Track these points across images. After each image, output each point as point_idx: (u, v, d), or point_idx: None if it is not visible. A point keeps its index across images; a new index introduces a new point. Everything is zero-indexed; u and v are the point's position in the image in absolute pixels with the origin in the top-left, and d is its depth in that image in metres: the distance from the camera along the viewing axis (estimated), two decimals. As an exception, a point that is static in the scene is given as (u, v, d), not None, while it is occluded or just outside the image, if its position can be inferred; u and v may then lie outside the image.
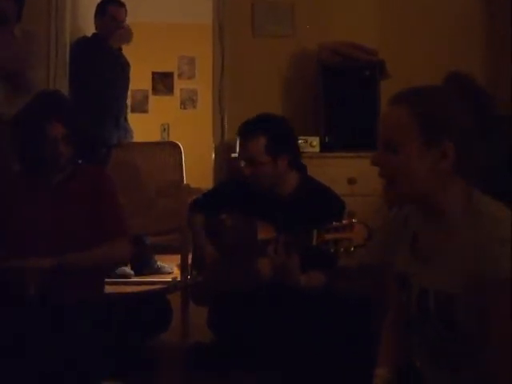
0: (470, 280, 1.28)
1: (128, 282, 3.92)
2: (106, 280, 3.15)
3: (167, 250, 3.30)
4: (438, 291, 1.34)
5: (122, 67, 4.20)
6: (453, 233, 1.34)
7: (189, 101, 7.44)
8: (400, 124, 1.34)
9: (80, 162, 2.30)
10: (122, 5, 4.11)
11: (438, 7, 4.08)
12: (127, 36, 4.13)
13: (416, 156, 1.32)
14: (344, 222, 1.88)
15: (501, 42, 3.99)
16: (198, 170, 4.26)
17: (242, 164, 2.33)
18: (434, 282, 1.35)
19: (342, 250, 1.86)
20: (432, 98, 1.36)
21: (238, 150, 2.36)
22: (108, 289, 2.62)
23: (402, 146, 1.33)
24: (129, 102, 4.39)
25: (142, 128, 4.88)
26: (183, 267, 3.01)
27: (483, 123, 1.33)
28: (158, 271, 4.29)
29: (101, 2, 4.10)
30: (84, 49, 4.03)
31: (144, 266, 4.26)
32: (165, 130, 7.27)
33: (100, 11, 4.06)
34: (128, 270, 4.19)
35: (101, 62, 3.98)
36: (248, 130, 2.30)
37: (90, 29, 4.21)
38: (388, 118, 1.39)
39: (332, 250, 1.88)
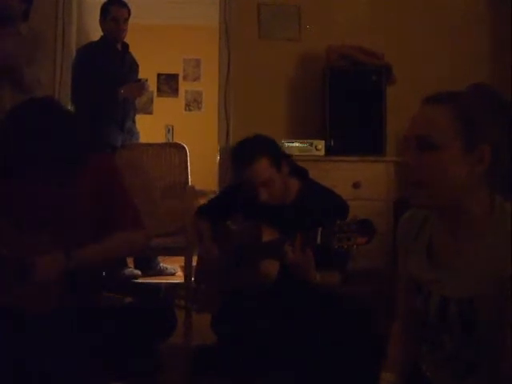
0: (492, 286, 1.27)
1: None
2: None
3: (171, 251, 3.30)
4: (460, 298, 1.32)
5: (130, 68, 4.20)
6: (476, 238, 1.33)
7: (194, 103, 7.45)
8: (442, 123, 1.30)
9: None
10: (124, 4, 4.10)
11: (445, 12, 4.09)
12: (139, 90, 4.11)
13: (456, 157, 1.29)
14: (347, 220, 1.88)
15: (506, 45, 4.00)
16: (202, 172, 4.26)
17: (252, 189, 2.31)
18: (455, 289, 1.34)
19: (346, 247, 1.86)
20: (473, 101, 1.34)
21: (242, 177, 2.33)
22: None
23: (442, 146, 1.30)
24: (136, 103, 4.38)
25: (146, 129, 4.88)
26: (187, 269, 3.02)
27: (508, 129, 1.32)
28: (161, 273, 4.30)
29: (103, 4, 4.10)
30: (90, 51, 4.05)
31: (147, 267, 4.26)
32: (169, 131, 7.28)
33: (103, 13, 4.07)
34: (135, 270, 4.20)
35: (107, 64, 3.99)
36: (248, 156, 2.28)
37: (96, 34, 4.23)
38: (429, 116, 1.34)
39: (336, 248, 1.88)
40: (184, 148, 3.51)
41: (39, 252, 1.97)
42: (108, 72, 3.94)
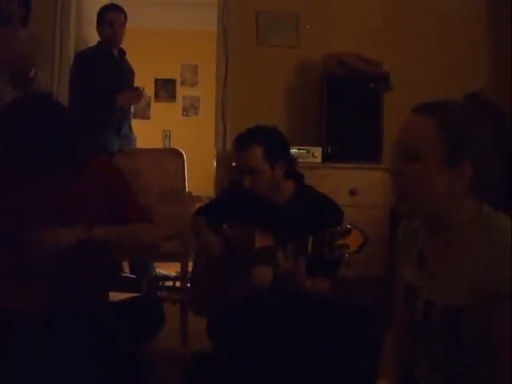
0: (478, 294, 1.28)
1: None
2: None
3: (167, 256, 3.30)
4: (445, 305, 1.34)
5: (126, 74, 4.21)
6: (461, 247, 1.34)
7: (191, 108, 7.46)
8: (426, 134, 1.33)
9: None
10: (120, 9, 4.11)
11: (442, 20, 4.10)
12: (136, 98, 4.12)
13: (435, 168, 1.32)
14: (339, 228, 1.88)
15: (504, 55, 4.01)
16: (198, 178, 4.26)
17: (241, 176, 2.34)
18: (441, 295, 1.36)
19: (337, 256, 1.87)
20: (459, 114, 1.36)
21: (235, 162, 2.39)
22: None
23: (424, 156, 1.32)
24: (131, 108, 4.39)
25: (143, 134, 4.89)
26: (183, 274, 3.01)
27: (499, 137, 1.33)
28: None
29: (99, 10, 4.11)
30: (87, 56, 4.05)
31: (142, 272, 4.24)
32: (166, 136, 7.29)
33: (100, 19, 4.08)
34: (131, 276, 4.18)
35: (103, 69, 3.99)
36: (244, 142, 2.32)
37: (94, 39, 4.23)
38: (413, 127, 1.36)
39: (327, 256, 1.88)
40: (181, 154, 3.50)
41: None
42: (104, 78, 3.94)
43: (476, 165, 1.31)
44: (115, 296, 2.36)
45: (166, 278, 4.08)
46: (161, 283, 4.09)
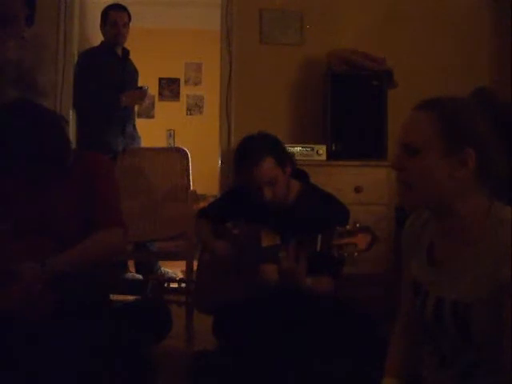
0: (488, 289, 1.27)
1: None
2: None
3: (172, 255, 3.31)
4: (455, 300, 1.34)
5: (130, 74, 4.21)
6: (471, 241, 1.34)
7: (195, 107, 7.47)
8: (423, 128, 1.34)
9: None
10: (124, 9, 4.11)
11: (446, 17, 4.09)
12: (140, 98, 4.12)
13: (436, 160, 1.33)
14: (348, 227, 1.89)
15: (506, 47, 4.00)
16: (203, 176, 4.26)
17: (256, 188, 2.31)
18: (451, 290, 1.35)
19: (346, 255, 1.87)
20: (458, 106, 1.37)
21: (247, 178, 2.32)
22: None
23: (422, 149, 1.33)
24: (136, 107, 4.40)
25: (147, 133, 4.90)
26: (188, 273, 3.02)
27: (505, 135, 1.33)
28: (162, 277, 4.29)
29: (103, 10, 4.12)
30: (91, 56, 4.06)
31: (148, 271, 4.25)
32: (171, 135, 7.30)
33: (103, 18, 4.09)
34: (137, 275, 4.20)
35: (107, 69, 4.00)
36: (254, 157, 2.28)
37: (97, 39, 4.24)
38: (411, 122, 1.39)
39: (336, 255, 1.88)
40: (185, 152, 3.51)
41: (24, 256, 1.97)
42: (108, 77, 3.95)
43: (480, 155, 1.31)
44: (122, 298, 2.36)
45: (172, 280, 4.08)
46: (166, 285, 4.08)
